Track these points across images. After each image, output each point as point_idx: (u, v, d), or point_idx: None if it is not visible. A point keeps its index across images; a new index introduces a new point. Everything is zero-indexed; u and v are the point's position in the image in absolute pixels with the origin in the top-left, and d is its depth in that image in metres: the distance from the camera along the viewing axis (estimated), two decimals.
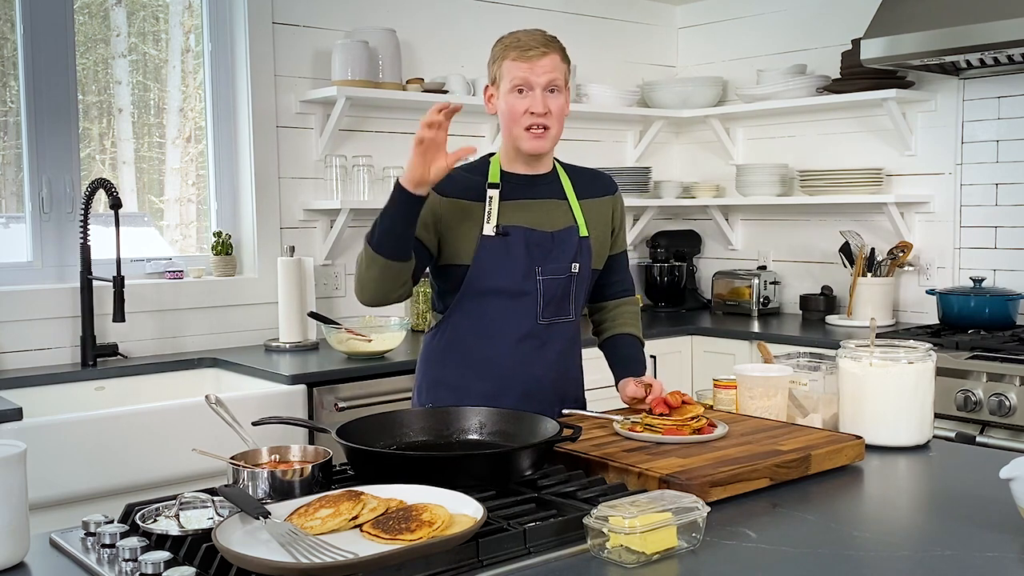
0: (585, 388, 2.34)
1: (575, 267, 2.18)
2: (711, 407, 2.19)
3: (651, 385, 2.12)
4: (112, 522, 1.44)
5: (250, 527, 1.31)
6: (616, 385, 2.25)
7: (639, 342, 2.33)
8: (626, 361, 2.28)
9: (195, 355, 3.31)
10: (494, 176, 2.17)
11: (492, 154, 2.25)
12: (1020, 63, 3.39)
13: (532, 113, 2.09)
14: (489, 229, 2.11)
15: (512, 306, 2.14)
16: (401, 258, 2.01)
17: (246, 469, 1.53)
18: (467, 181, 2.16)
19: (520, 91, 2.10)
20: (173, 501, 1.47)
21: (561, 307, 2.19)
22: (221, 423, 1.70)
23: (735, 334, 3.86)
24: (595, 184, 2.29)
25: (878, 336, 2.09)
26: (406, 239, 2.00)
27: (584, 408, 2.23)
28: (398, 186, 1.95)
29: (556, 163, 2.26)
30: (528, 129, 2.11)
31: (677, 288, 4.55)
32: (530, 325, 2.15)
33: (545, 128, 2.11)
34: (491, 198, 2.13)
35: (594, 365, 2.37)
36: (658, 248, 4.59)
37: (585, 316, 2.35)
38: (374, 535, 1.31)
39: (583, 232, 2.20)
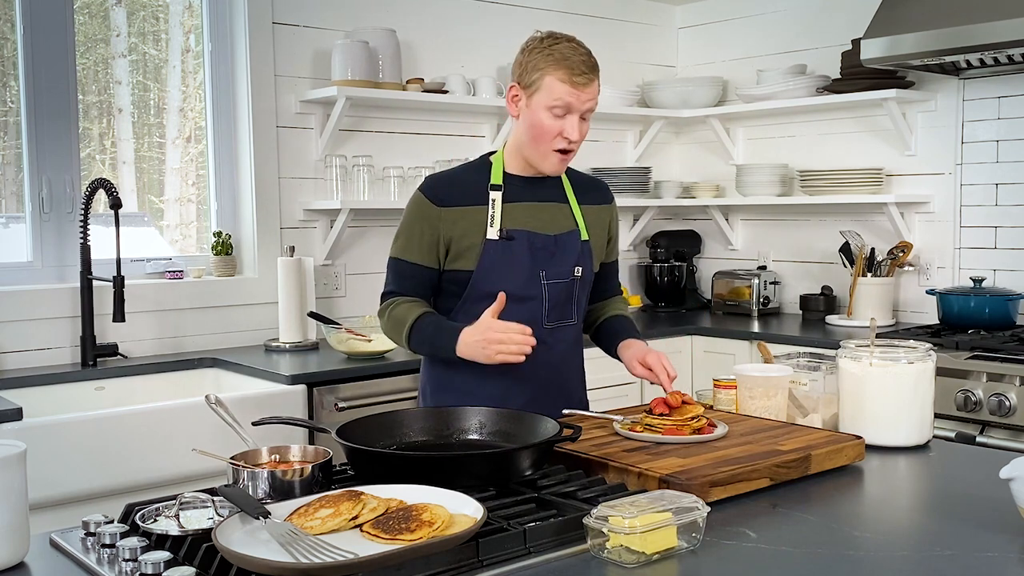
0: (587, 389, 2.34)
1: (578, 271, 2.17)
2: (711, 407, 2.19)
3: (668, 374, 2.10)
4: (112, 522, 1.44)
5: (250, 527, 1.31)
6: (616, 350, 2.24)
7: (629, 319, 2.33)
8: (621, 330, 2.28)
9: (195, 355, 3.31)
10: (496, 177, 2.15)
11: (492, 152, 2.22)
12: (1020, 63, 3.39)
13: (566, 138, 2.08)
14: (493, 233, 2.09)
15: (517, 311, 2.09)
16: None
17: (246, 469, 1.53)
18: (466, 184, 2.13)
19: (559, 114, 2.06)
20: (173, 501, 1.47)
21: (565, 311, 2.18)
22: (221, 423, 1.70)
23: (735, 334, 3.86)
24: (594, 191, 2.28)
25: (878, 336, 2.08)
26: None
27: (587, 409, 2.23)
28: (454, 349, 2.02)
29: None
30: (557, 151, 2.09)
31: (677, 288, 4.55)
32: (535, 330, 2.11)
33: (571, 152, 2.11)
34: (493, 200, 2.11)
35: (595, 365, 2.37)
36: (658, 248, 4.59)
37: None
38: (374, 535, 1.31)
39: (584, 236, 2.20)
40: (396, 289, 2.16)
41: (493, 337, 1.95)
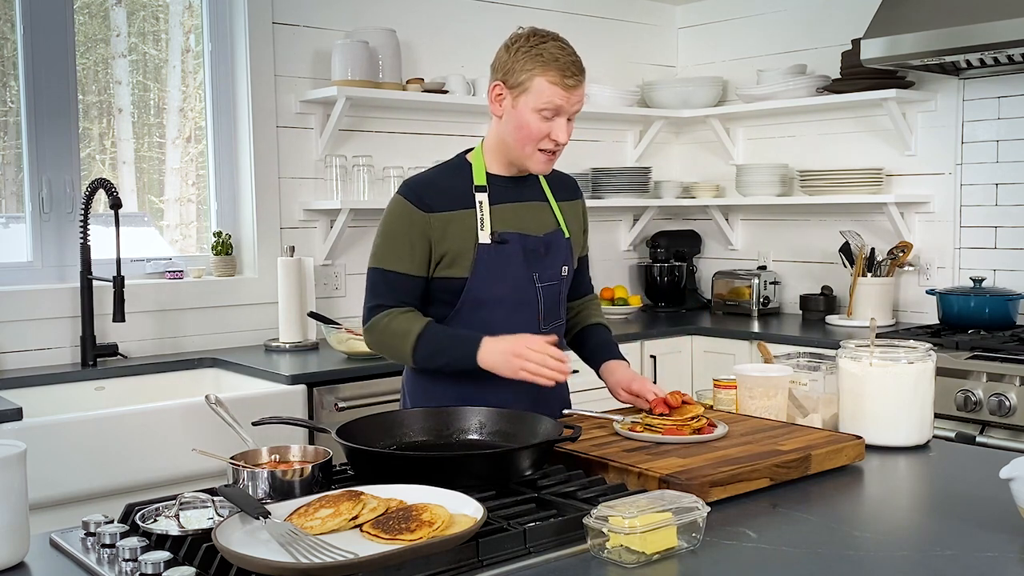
0: (580, 389, 2.32)
1: (564, 270, 2.15)
2: (711, 407, 2.19)
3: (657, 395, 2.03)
4: (112, 522, 1.44)
5: (250, 527, 1.31)
6: (599, 370, 2.20)
7: (608, 330, 2.30)
8: (602, 346, 2.24)
9: (195, 355, 3.31)
10: (480, 178, 2.08)
11: (467, 151, 2.16)
12: (1020, 63, 3.39)
13: (554, 140, 2.02)
14: (485, 236, 2.03)
15: (514, 316, 2.06)
16: None
17: (246, 469, 1.53)
18: (451, 187, 2.06)
19: (548, 116, 2.01)
20: (173, 501, 1.47)
21: (556, 312, 2.16)
22: (221, 423, 1.71)
23: (735, 334, 3.86)
24: (566, 186, 2.25)
25: (878, 336, 2.08)
26: None
27: (570, 407, 2.22)
28: (475, 357, 1.93)
29: None
30: (542, 151, 2.04)
31: (677, 288, 4.55)
32: (533, 334, 2.05)
33: (557, 152, 2.06)
34: (481, 203, 2.05)
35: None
36: (658, 248, 4.59)
37: None
38: (374, 535, 1.31)
39: (566, 234, 2.17)
40: (386, 302, 2.03)
41: (525, 352, 1.87)
